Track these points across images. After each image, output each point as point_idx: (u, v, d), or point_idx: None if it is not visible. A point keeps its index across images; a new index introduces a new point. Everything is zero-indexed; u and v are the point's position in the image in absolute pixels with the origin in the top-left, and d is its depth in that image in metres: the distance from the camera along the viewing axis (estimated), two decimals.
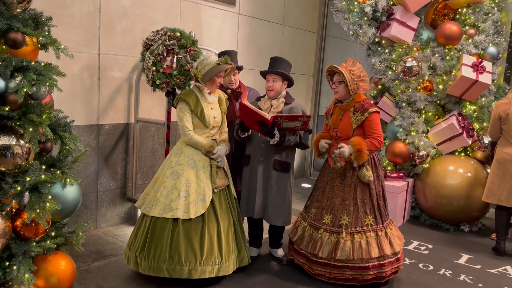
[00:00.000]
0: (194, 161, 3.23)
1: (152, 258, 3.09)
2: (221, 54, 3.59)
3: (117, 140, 4.35)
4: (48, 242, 2.64)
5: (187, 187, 3.15)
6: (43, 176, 2.44)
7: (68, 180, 2.66)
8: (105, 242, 4.00)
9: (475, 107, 5.12)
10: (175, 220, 3.11)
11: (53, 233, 2.74)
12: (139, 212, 4.46)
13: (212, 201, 3.21)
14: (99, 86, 4.12)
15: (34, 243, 2.50)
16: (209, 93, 3.31)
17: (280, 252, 3.79)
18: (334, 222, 3.35)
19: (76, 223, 3.02)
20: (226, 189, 3.39)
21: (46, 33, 2.59)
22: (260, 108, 3.46)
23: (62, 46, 2.69)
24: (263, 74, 3.52)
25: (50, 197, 2.47)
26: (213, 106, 3.32)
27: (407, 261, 3.99)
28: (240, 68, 3.81)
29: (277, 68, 3.45)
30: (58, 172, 2.65)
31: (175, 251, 3.07)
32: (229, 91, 3.78)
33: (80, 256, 3.53)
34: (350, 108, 3.37)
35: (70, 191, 2.72)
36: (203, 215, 3.15)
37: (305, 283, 3.40)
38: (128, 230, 4.33)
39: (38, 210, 2.38)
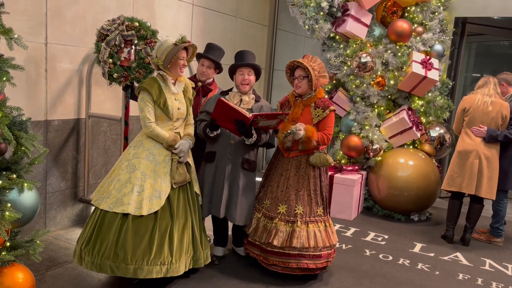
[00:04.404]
0: (153, 155, 3.03)
1: (97, 253, 2.86)
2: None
3: (67, 137, 4.03)
4: (4, 253, 2.37)
5: (142, 181, 2.94)
6: (0, 182, 2.18)
7: (26, 184, 2.41)
8: (57, 247, 3.71)
9: (422, 102, 5.36)
10: (125, 215, 2.89)
11: (8, 244, 2.47)
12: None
13: (169, 198, 3.01)
14: (47, 79, 3.78)
15: None
16: (174, 83, 3.12)
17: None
18: (290, 211, 3.32)
19: (28, 229, 2.75)
20: (188, 185, 3.20)
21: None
22: None
23: (16, 36, 2.41)
24: (235, 67, 3.31)
25: (9, 205, 2.22)
26: (178, 97, 3.13)
27: (368, 252, 4.10)
28: (218, 66, 3.59)
29: (248, 61, 3.31)
30: (14, 176, 2.39)
31: (121, 248, 2.84)
32: (199, 83, 3.61)
33: (32, 264, 3.21)
34: (311, 104, 3.39)
35: (28, 197, 2.47)
36: (156, 212, 2.94)
37: (263, 280, 3.38)
38: None
39: None
